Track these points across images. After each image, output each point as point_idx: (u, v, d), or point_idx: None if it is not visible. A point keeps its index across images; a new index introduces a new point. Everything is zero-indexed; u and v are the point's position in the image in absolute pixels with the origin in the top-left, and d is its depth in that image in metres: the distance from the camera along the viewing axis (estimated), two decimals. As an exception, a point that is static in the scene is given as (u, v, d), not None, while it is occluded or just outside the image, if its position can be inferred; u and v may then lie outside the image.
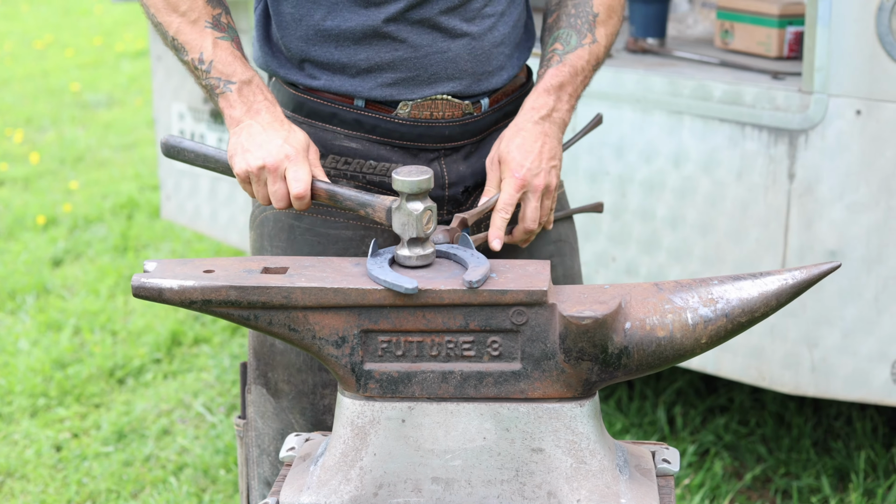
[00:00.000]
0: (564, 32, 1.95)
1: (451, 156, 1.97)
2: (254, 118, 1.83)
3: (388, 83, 1.91)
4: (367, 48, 1.90)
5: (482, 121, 1.98)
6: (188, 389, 3.95)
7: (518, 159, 1.84)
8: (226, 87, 1.85)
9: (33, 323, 4.45)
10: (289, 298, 1.59)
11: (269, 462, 2.05)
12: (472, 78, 1.94)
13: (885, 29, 2.70)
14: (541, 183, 1.84)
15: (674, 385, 3.74)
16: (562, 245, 2.09)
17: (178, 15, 1.87)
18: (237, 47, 1.89)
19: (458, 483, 1.62)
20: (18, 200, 5.92)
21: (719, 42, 3.38)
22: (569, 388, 1.61)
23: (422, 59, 1.90)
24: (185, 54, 1.88)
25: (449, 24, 1.90)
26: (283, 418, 2.00)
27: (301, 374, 1.98)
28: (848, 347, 2.84)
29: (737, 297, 1.62)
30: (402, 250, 1.66)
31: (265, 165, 1.77)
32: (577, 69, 1.92)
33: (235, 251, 4.81)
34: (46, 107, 7.82)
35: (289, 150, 1.78)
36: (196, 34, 1.87)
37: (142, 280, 1.62)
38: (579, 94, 1.94)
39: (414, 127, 1.94)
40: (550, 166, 1.86)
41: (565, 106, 1.92)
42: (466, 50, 1.92)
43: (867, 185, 2.78)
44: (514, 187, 1.83)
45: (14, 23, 10.92)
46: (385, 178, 1.95)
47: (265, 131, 1.80)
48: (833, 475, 3.31)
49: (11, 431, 3.70)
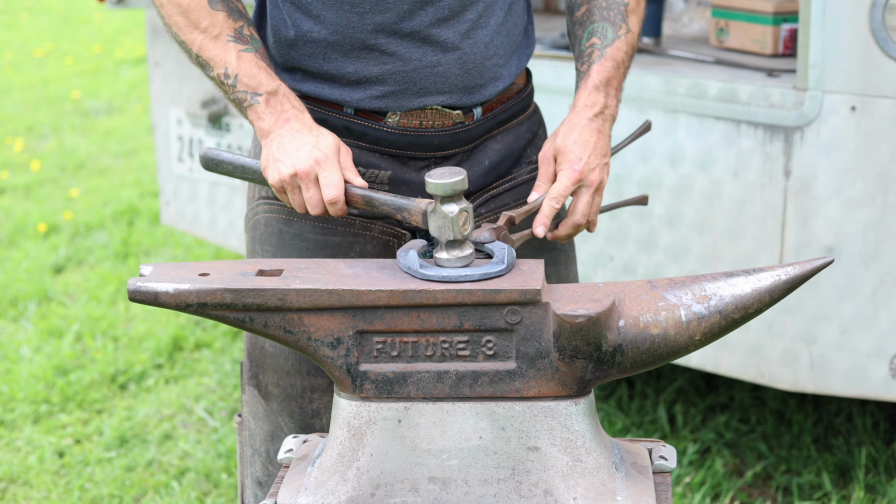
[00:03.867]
0: (600, 26, 1.94)
1: (441, 165, 1.96)
2: (283, 127, 1.81)
3: (378, 95, 1.90)
4: (355, 61, 1.89)
5: (474, 130, 1.97)
6: (190, 394, 3.95)
7: (577, 152, 1.83)
8: (253, 99, 1.84)
9: (35, 330, 4.46)
10: (283, 300, 1.60)
11: (260, 462, 2.06)
12: (462, 91, 1.92)
13: (878, 25, 2.70)
14: (596, 178, 1.84)
15: (674, 384, 3.75)
16: (556, 254, 2.08)
17: (200, 32, 1.86)
18: (262, 57, 1.87)
19: (454, 482, 1.63)
20: (19, 208, 5.94)
21: (714, 40, 3.39)
22: (564, 387, 1.61)
23: (411, 73, 1.89)
24: (210, 70, 1.87)
25: (440, 36, 1.88)
26: (273, 420, 2.01)
27: (290, 377, 1.98)
28: (846, 344, 2.85)
29: (730, 294, 1.62)
30: (440, 253, 1.65)
31: (297, 172, 1.76)
32: (618, 62, 1.93)
33: (235, 255, 4.82)
34: (47, 115, 7.83)
35: (318, 154, 1.76)
36: (219, 49, 1.86)
37: (137, 284, 1.63)
38: (622, 85, 1.95)
39: (403, 136, 1.93)
40: (604, 163, 1.86)
41: (614, 101, 1.92)
42: (458, 64, 1.90)
43: (863, 182, 2.78)
44: (571, 179, 1.82)
45: (14, 31, 10.93)
46: (374, 184, 1.93)
47: (294, 139, 1.79)
48: (834, 472, 3.31)
49: (14, 438, 3.71)
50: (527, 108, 2.07)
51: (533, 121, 2.09)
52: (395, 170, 1.94)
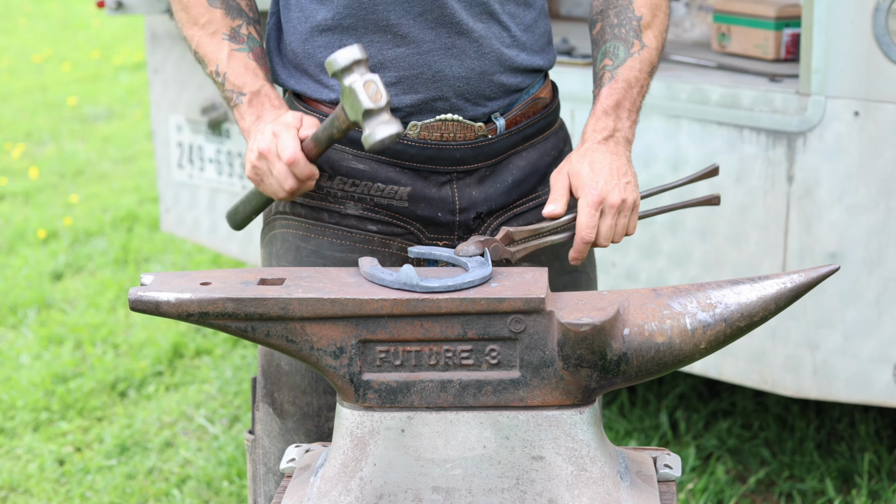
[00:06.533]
0: (612, 45, 1.89)
1: (463, 179, 1.91)
2: (259, 125, 1.83)
3: (391, 82, 1.85)
4: (368, 45, 1.85)
5: (497, 144, 1.92)
6: (190, 401, 3.94)
7: (592, 176, 1.77)
8: (238, 98, 1.86)
9: (35, 337, 4.45)
10: (286, 310, 1.59)
11: (274, 481, 2.03)
12: (480, 77, 1.87)
13: (881, 30, 2.70)
14: (616, 199, 1.77)
15: (676, 390, 3.74)
16: (577, 276, 2.02)
17: (199, 28, 1.89)
18: (255, 58, 1.88)
19: (458, 492, 1.62)
20: (19, 215, 5.93)
21: (716, 45, 3.38)
22: (568, 396, 1.60)
23: (425, 56, 1.85)
24: (205, 67, 1.90)
25: (456, 17, 1.85)
26: (289, 439, 1.98)
27: (306, 396, 1.95)
28: (849, 350, 2.84)
29: (735, 302, 1.61)
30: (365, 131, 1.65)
31: (260, 152, 1.77)
32: (630, 82, 1.87)
33: (235, 262, 4.81)
34: (45, 121, 7.82)
35: (276, 128, 1.77)
36: (214, 47, 1.88)
37: (139, 293, 1.62)
38: (639, 105, 1.89)
39: (424, 149, 1.88)
40: (625, 182, 1.79)
41: (626, 123, 1.86)
42: (474, 47, 1.86)
43: (866, 187, 2.77)
44: (592, 206, 1.76)
45: (12, 37, 10.93)
46: (394, 201, 1.90)
47: (261, 128, 1.80)
48: (837, 478, 3.30)
49: (14, 446, 3.69)
50: (553, 123, 2.02)
51: (559, 137, 2.03)
52: (415, 185, 1.90)
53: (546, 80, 2.02)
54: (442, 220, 1.92)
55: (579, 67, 3.22)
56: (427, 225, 1.92)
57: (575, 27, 4.02)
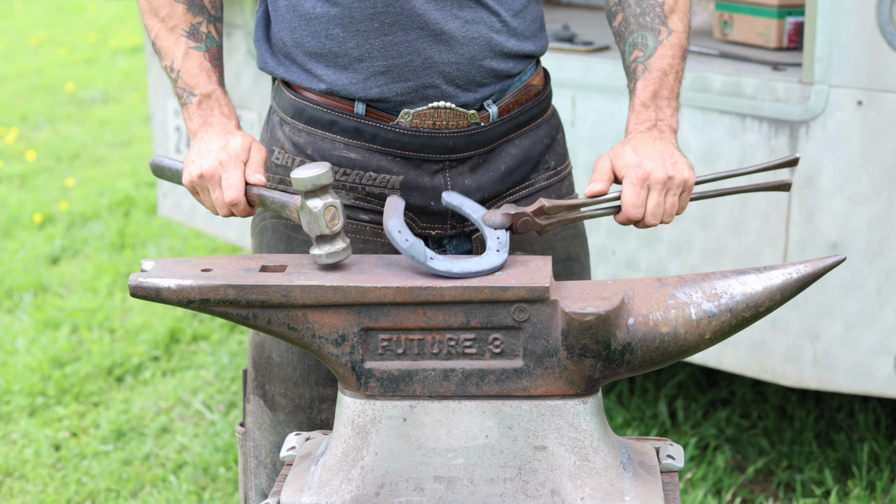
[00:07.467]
0: (639, 36, 1.86)
1: (456, 168, 1.90)
2: (206, 131, 1.82)
3: (380, 71, 1.84)
4: (355, 35, 1.84)
5: (490, 132, 1.90)
6: (187, 387, 3.93)
7: (634, 157, 1.74)
8: (188, 98, 1.86)
9: (31, 321, 4.43)
10: (288, 297, 1.58)
11: (265, 474, 2.01)
12: (470, 63, 1.85)
13: (885, 19, 2.68)
14: (662, 175, 1.73)
15: (675, 378, 3.73)
16: (571, 264, 2.01)
17: (159, 20, 1.89)
18: (210, 58, 1.88)
19: (460, 482, 1.61)
20: (15, 199, 5.90)
21: (718, 33, 3.36)
22: (571, 385, 1.59)
23: (413, 42, 1.83)
24: (161, 60, 1.90)
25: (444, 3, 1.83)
26: (280, 431, 1.96)
27: (298, 388, 1.94)
28: (850, 340, 2.83)
29: (741, 292, 1.60)
30: (313, 249, 1.64)
31: (202, 174, 1.76)
32: (664, 70, 1.84)
33: (232, 248, 4.80)
34: (41, 104, 7.79)
35: (223, 156, 1.76)
36: (171, 41, 1.88)
37: (139, 280, 1.61)
38: (677, 92, 1.86)
39: (416, 137, 1.87)
40: (672, 161, 1.75)
41: (667, 112, 1.84)
42: (462, 32, 1.84)
43: (868, 177, 2.76)
44: (636, 183, 1.73)
45: (7, 20, 10.89)
46: (385, 189, 1.89)
47: (208, 142, 1.80)
48: (836, 468, 3.29)
49: (10, 431, 3.68)
50: (545, 110, 2.00)
51: (551, 125, 2.02)
52: (407, 174, 1.89)
53: (538, 67, 2.00)
54: (434, 210, 1.90)
55: (580, 55, 3.20)
56: (419, 214, 1.91)
57: (576, 14, 4.00)
